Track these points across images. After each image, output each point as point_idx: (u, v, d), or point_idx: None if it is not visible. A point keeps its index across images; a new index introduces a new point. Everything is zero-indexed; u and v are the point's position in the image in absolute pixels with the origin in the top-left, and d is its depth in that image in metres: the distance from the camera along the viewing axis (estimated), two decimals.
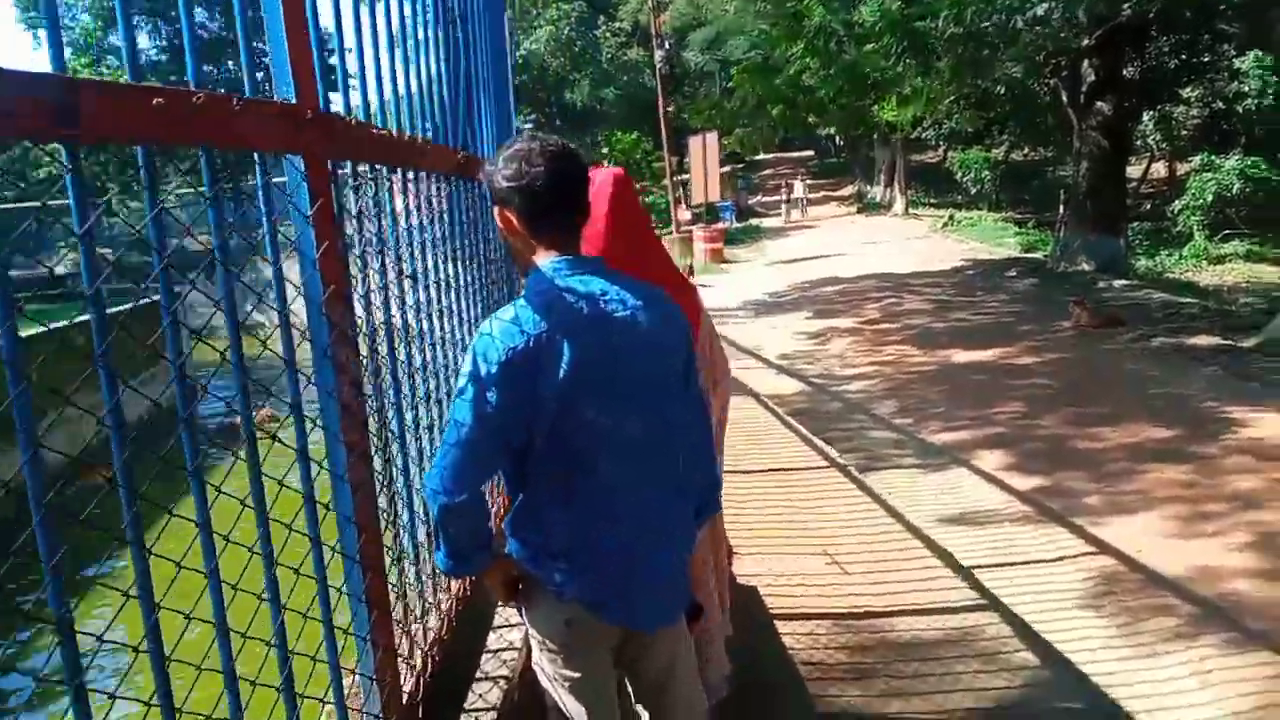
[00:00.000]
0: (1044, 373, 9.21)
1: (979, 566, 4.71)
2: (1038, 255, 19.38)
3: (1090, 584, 4.57)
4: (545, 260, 1.82)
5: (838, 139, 42.52)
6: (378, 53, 2.27)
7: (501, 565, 1.93)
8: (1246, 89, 20.40)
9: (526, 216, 1.80)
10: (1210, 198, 19.82)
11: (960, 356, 10.29)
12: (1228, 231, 19.90)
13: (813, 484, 5.46)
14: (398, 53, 2.45)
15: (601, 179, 2.44)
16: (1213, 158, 20.55)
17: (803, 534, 4.78)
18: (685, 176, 26.46)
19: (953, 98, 18.68)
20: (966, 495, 5.98)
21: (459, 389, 1.74)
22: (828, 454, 5.90)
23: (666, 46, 28.49)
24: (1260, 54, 19.68)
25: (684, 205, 27.97)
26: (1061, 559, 4.89)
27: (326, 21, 1.93)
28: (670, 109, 24.82)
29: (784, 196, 33.53)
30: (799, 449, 6.28)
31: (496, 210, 1.85)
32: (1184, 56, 21.40)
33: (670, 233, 26.87)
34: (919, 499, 5.89)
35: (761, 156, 48.76)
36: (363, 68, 2.21)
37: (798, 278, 18.66)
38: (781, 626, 3.81)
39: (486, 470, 1.88)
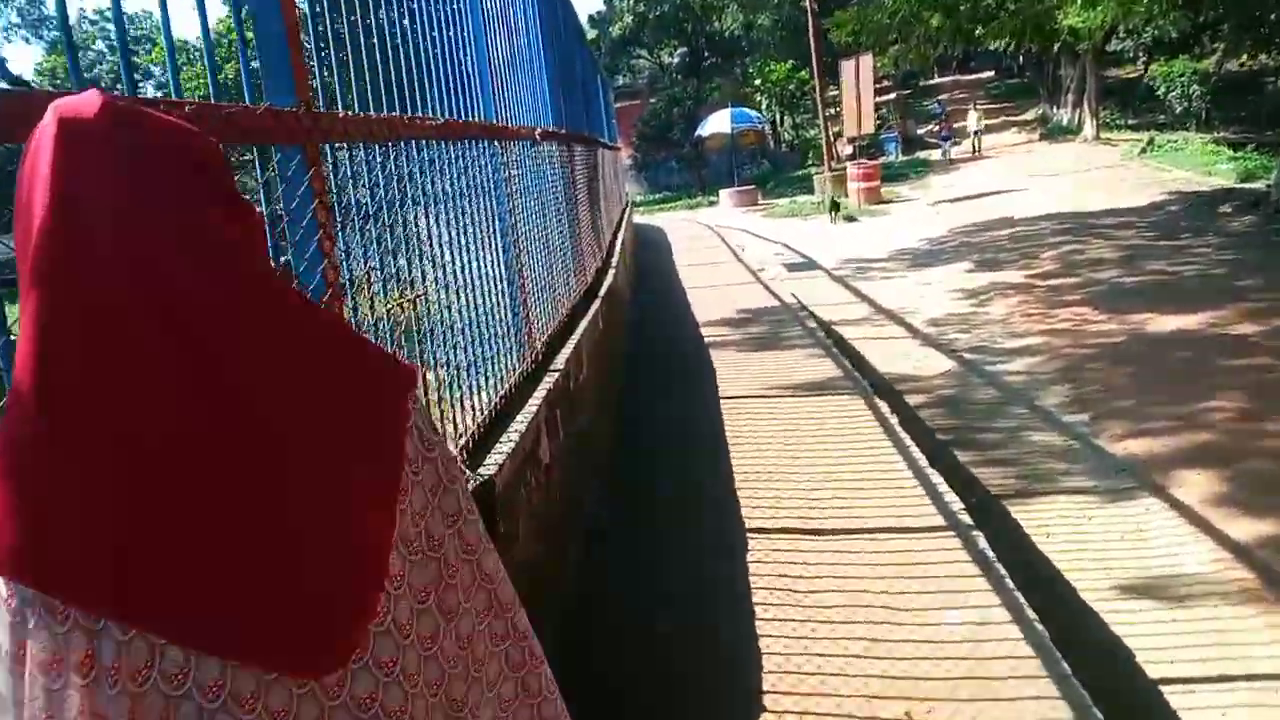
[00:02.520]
0: (1274, 348, 7.09)
1: (1174, 682, 3.17)
2: (1259, 185, 16.11)
3: None
4: None
5: (1020, 56, 38.28)
6: None
7: None
8: None
9: None
10: None
11: (1156, 324, 8.22)
12: None
13: (915, 553, 3.86)
14: None
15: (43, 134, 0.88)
16: None
17: (872, 674, 3.18)
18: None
19: None
20: (1157, 547, 4.30)
21: None
22: (944, 506, 4.20)
23: None
24: None
25: (843, 139, 25.75)
26: None
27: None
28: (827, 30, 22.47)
29: (941, 131, 30.17)
30: (903, 490, 4.56)
31: None
32: None
33: (821, 171, 24.88)
34: (1086, 548, 4.29)
35: (936, 80, 44.83)
36: None
37: (963, 219, 16.48)
38: None
39: None
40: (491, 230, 3.47)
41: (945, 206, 19.34)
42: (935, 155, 29.61)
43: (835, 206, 20.03)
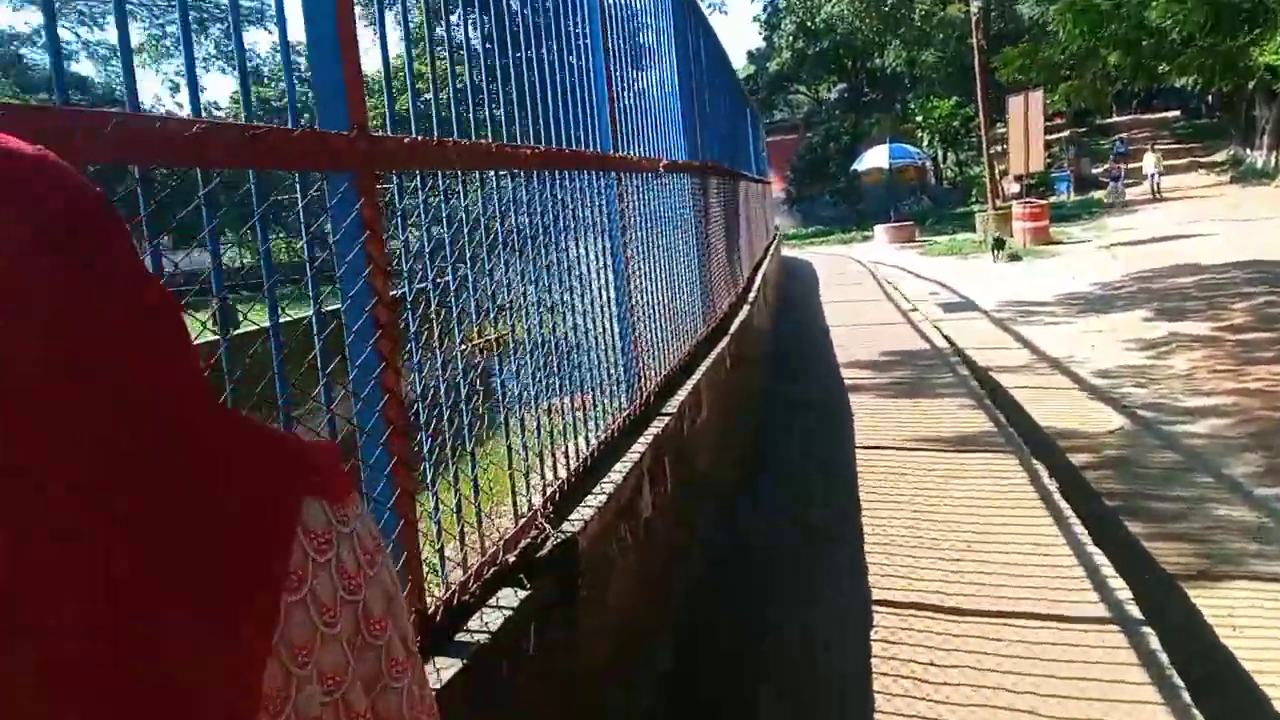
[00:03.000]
0: None
1: None
2: None
3: None
4: None
5: (1209, 95, 35.57)
6: None
7: None
8: None
9: None
10: None
11: None
12: None
13: (1069, 648, 3.31)
14: None
15: None
16: None
17: None
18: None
19: None
20: None
21: None
22: (1109, 593, 3.58)
23: None
24: None
25: (1009, 176, 24.56)
26: None
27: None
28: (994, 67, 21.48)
29: (1112, 170, 28.11)
30: (1059, 569, 3.96)
31: None
32: None
33: (985, 209, 23.75)
34: None
35: (1114, 118, 42.25)
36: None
37: (1140, 264, 15.22)
38: None
39: None
40: (601, 266, 3.26)
41: (1121, 250, 17.98)
42: (1103, 195, 27.70)
43: (1000, 244, 18.97)
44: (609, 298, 3.38)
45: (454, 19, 2.48)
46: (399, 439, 1.66)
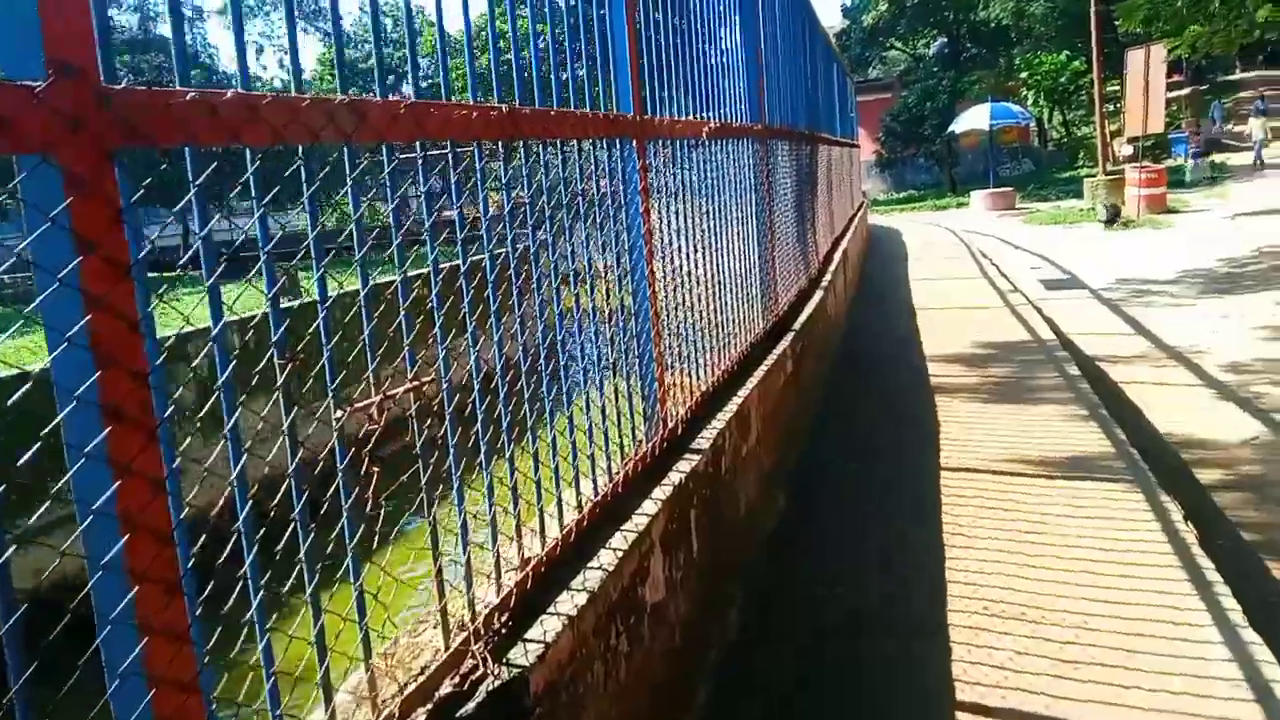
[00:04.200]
0: None
1: None
2: None
3: None
4: None
5: None
6: None
7: None
8: None
9: None
10: None
11: None
12: None
13: None
14: None
15: None
16: None
17: None
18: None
19: None
20: None
21: None
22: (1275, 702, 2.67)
23: None
24: None
25: (1121, 138, 22.70)
26: None
27: None
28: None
29: (1197, 136, 25.85)
30: (1205, 659, 2.95)
31: None
32: None
33: (1094, 173, 22.04)
34: None
35: (1238, 75, 39.03)
36: None
37: (1273, 238, 13.66)
38: None
39: None
40: (616, 257, 2.52)
41: (1247, 221, 16.30)
42: (1233, 160, 25.49)
43: (1114, 214, 17.42)
44: (629, 291, 2.65)
45: None
46: None
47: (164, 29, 32.06)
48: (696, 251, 3.38)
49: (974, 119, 29.68)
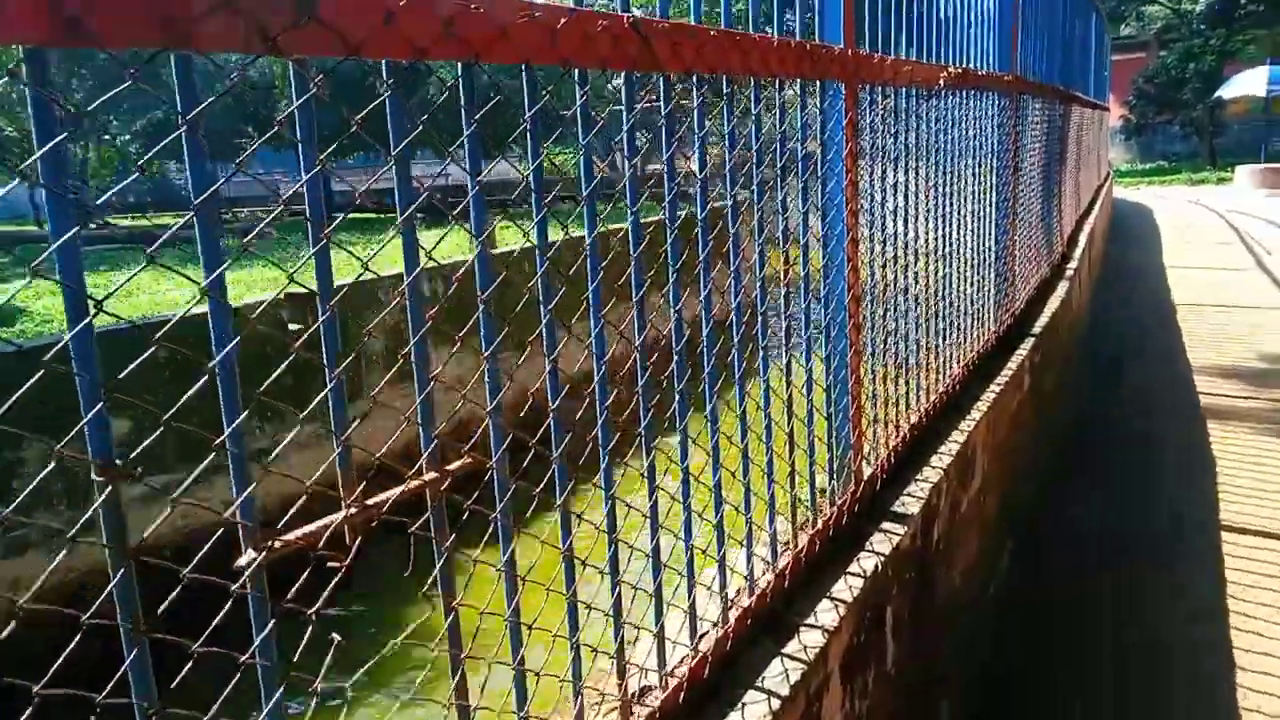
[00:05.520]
0: None
1: None
2: None
3: None
4: None
5: None
6: None
7: None
8: None
9: None
10: None
11: None
12: None
13: None
14: None
15: None
16: None
17: None
18: None
19: None
20: None
21: None
22: None
23: None
24: None
25: None
26: None
27: None
28: None
29: None
30: None
31: None
32: None
33: None
34: None
35: None
36: None
37: None
38: None
39: None
40: (800, 256, 1.81)
41: None
42: None
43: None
44: (820, 311, 1.92)
45: None
46: None
47: None
48: (917, 240, 2.55)
49: (1248, 83, 26.05)
